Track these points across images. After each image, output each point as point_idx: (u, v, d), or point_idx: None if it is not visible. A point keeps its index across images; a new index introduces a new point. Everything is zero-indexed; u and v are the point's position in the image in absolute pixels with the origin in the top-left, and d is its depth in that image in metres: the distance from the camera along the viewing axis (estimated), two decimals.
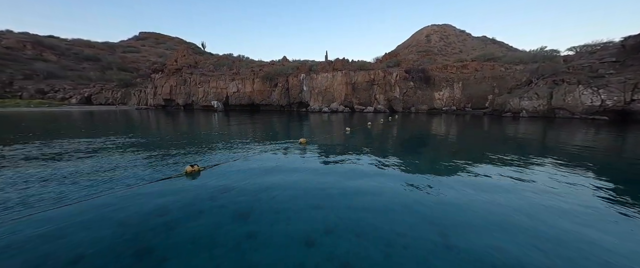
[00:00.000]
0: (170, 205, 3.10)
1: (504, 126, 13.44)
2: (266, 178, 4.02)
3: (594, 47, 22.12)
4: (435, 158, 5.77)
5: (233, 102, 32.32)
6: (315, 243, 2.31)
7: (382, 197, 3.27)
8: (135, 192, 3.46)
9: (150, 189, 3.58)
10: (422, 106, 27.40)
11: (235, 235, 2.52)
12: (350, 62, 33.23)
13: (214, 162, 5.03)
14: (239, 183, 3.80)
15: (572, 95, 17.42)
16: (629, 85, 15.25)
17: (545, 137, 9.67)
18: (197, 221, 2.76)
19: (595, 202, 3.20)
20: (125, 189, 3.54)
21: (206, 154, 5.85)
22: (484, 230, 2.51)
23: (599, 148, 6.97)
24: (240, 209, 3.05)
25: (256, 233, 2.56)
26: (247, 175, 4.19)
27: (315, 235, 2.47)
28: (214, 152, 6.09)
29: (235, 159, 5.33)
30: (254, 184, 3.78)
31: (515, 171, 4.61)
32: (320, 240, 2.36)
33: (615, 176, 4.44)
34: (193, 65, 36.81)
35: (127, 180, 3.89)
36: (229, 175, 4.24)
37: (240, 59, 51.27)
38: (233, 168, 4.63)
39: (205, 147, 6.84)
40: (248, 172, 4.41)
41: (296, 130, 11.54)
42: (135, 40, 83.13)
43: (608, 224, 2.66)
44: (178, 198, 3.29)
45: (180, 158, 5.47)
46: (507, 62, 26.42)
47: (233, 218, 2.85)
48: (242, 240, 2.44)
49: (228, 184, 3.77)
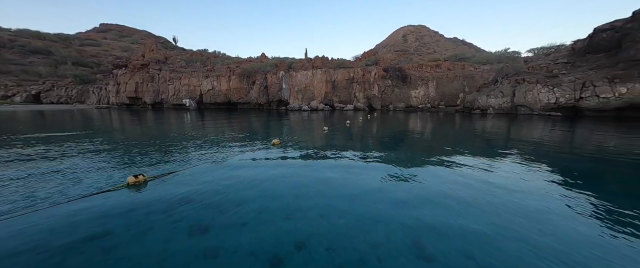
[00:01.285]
0: (109, 223, 2.58)
1: (474, 123, 14.16)
2: (232, 186, 3.60)
3: (549, 50, 24.33)
4: (411, 158, 5.71)
5: (208, 101, 30.62)
6: (283, 262, 2.00)
7: (357, 203, 3.04)
8: (62, 210, 2.86)
9: (83, 205, 3.00)
10: (400, 104, 28.20)
11: (189, 255, 2.12)
12: (330, 60, 33.14)
13: (172, 169, 4.45)
14: (200, 193, 3.34)
15: (532, 94, 18.95)
16: (578, 84, 16.92)
17: (510, 132, 10.29)
18: (142, 240, 2.30)
19: (555, 193, 3.29)
20: (49, 208, 2.91)
21: (165, 160, 5.21)
22: (459, 236, 2.39)
23: (553, 142, 7.57)
24: (199, 223, 2.63)
25: (216, 250, 2.18)
26: (210, 183, 3.73)
27: (285, 251, 2.16)
28: (174, 157, 5.46)
29: (198, 165, 4.79)
30: (217, 193, 3.35)
31: (483, 168, 4.71)
32: (289, 257, 2.06)
33: (566, 167, 4.73)
34: (162, 60, 34.19)
35: (54, 196, 3.23)
36: (189, 183, 3.74)
37: (216, 55, 48.85)
38: (195, 176, 4.11)
39: (166, 151, 6.14)
40: (212, 179, 3.94)
41: (272, 130, 11.02)
42: (96, 33, 75.39)
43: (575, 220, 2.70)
44: (120, 214, 2.77)
45: (132, 166, 4.80)
46: (476, 62, 28.13)
47: (189, 234, 2.44)
48: (197, 259, 2.06)
49: (187, 194, 3.30)
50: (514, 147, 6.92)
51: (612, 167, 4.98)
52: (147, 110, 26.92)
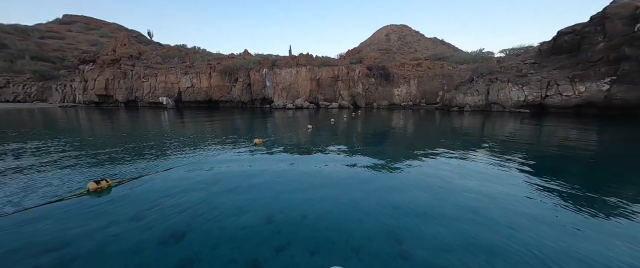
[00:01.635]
0: (66, 234, 2.34)
1: (452, 120, 14.81)
2: (209, 189, 3.43)
3: (519, 50, 26.01)
4: (395, 156, 5.81)
5: (187, 98, 29.26)
6: (264, 267, 1.92)
7: (340, 203, 3.02)
8: (11, 222, 2.55)
9: (36, 215, 2.70)
10: (383, 102, 28.79)
11: (161, 265, 1.97)
12: (314, 58, 32.98)
13: (142, 172, 4.16)
14: (174, 198, 3.14)
15: (504, 92, 20.18)
16: (543, 83, 18.27)
17: (484, 128, 10.88)
18: (106, 252, 2.10)
19: (523, 185, 3.50)
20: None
21: (135, 163, 4.86)
22: (439, 237, 2.44)
23: (522, 137, 8.14)
24: (174, 229, 2.46)
25: (191, 259, 2.05)
26: (185, 187, 3.52)
27: (265, 255, 2.07)
28: (146, 160, 5.12)
29: (173, 167, 4.52)
30: (193, 197, 3.17)
31: (460, 163, 4.91)
32: (270, 262, 1.98)
33: (532, 160, 5.07)
34: (136, 56, 32.06)
35: (3, 206, 2.88)
36: (161, 187, 3.50)
37: (195, 51, 46.77)
38: (168, 179, 3.87)
39: (138, 153, 5.75)
40: (187, 182, 3.73)
41: (254, 129, 10.73)
42: (59, 24, 68.83)
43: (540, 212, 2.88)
44: (80, 224, 2.52)
45: (98, 170, 4.43)
46: (454, 62, 29.38)
47: (162, 241, 2.27)
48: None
49: (159, 199, 3.08)
50: (488, 143, 7.33)
51: (571, 159, 5.51)
52: (120, 109, 25.16)
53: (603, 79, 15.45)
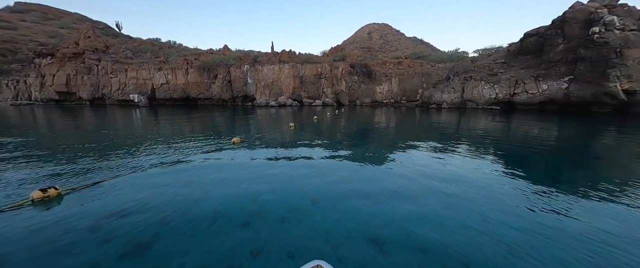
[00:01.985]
0: (6, 248, 2.04)
1: (431, 116, 15.39)
2: (180, 193, 3.20)
3: (490, 51, 27.62)
4: (376, 154, 5.86)
5: (162, 96, 27.56)
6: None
7: (320, 203, 2.95)
8: None
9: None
10: (366, 99, 29.24)
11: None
12: (297, 55, 32.57)
13: (103, 177, 3.80)
14: (139, 204, 2.88)
15: (477, 90, 21.35)
16: (512, 82, 19.59)
17: (460, 124, 11.43)
18: (56, 267, 1.86)
19: (494, 173, 3.69)
20: None
21: (95, 167, 4.43)
22: (417, 234, 2.47)
23: (493, 132, 8.66)
24: (139, 239, 2.25)
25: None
26: (152, 192, 3.25)
27: (241, 261, 1.95)
28: (109, 163, 4.69)
29: (138, 171, 4.19)
30: (162, 202, 2.94)
31: (439, 157, 5.08)
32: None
33: (501, 152, 5.39)
34: (102, 49, 29.51)
35: None
36: (124, 194, 3.20)
37: (170, 46, 44.16)
38: (133, 184, 3.55)
39: (101, 156, 5.26)
40: (155, 186, 3.45)
41: (234, 127, 10.36)
42: (9, 13, 61.29)
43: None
44: (23, 237, 2.22)
45: (50, 177, 3.99)
46: (432, 61, 30.53)
47: (123, 254, 2.06)
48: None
49: (121, 207, 2.81)
50: (464, 139, 7.70)
51: (535, 151, 5.99)
52: (84, 107, 23.07)
53: (562, 78, 16.89)
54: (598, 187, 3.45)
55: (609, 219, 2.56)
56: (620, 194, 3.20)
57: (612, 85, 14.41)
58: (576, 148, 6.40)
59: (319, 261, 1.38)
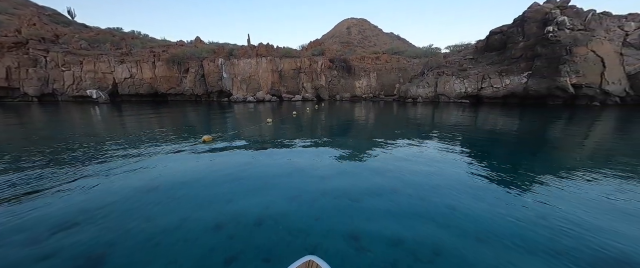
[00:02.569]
0: None
1: (407, 110, 15.94)
2: (143, 198, 2.88)
3: (460, 47, 29.22)
4: (355, 149, 5.85)
5: (126, 91, 25.22)
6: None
7: (295, 203, 2.83)
8: None
9: None
10: (346, 94, 29.48)
11: None
12: (275, 48, 31.64)
13: (45, 184, 3.32)
14: (92, 212, 2.53)
15: (449, 84, 22.54)
16: (479, 77, 20.95)
17: (433, 117, 11.97)
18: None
19: (463, 161, 3.87)
20: None
21: (39, 172, 3.88)
22: (393, 230, 2.46)
23: (463, 124, 9.18)
24: (90, 252, 1.95)
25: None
26: (110, 198, 2.89)
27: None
28: (55, 167, 4.14)
29: (93, 175, 3.73)
30: (121, 209, 2.62)
31: (414, 149, 5.22)
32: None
33: (469, 142, 5.73)
34: (51, 39, 26.01)
35: None
36: (73, 202, 2.80)
37: (134, 36, 40.41)
38: (85, 191, 3.13)
39: (46, 159, 4.63)
40: (114, 191, 3.08)
41: (205, 125, 9.70)
42: None
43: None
44: None
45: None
46: (408, 56, 31.56)
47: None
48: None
49: (70, 217, 2.44)
50: (437, 129, 8.07)
51: (499, 140, 6.48)
52: (31, 105, 20.29)
53: (522, 74, 18.43)
54: (553, 171, 3.78)
55: (564, 200, 2.78)
56: (572, 176, 3.52)
57: (563, 80, 16.04)
58: (534, 137, 6.99)
59: (310, 256, 1.33)
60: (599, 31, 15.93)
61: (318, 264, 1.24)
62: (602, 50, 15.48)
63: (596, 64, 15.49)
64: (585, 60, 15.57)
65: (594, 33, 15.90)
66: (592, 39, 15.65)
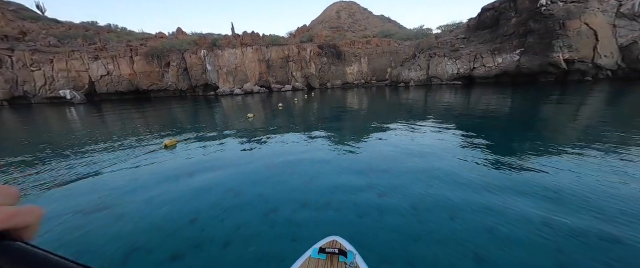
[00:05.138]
0: None
1: (400, 94, 15.49)
2: (80, 225, 2.36)
3: (452, 26, 28.48)
4: (340, 149, 5.40)
5: (104, 90, 23.79)
6: None
7: (269, 222, 2.36)
8: None
9: None
10: (337, 81, 28.72)
11: None
12: (261, 37, 30.19)
13: None
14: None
15: (441, 66, 22.07)
16: (471, 56, 20.52)
17: (427, 101, 11.58)
18: None
19: (455, 143, 3.50)
20: None
21: None
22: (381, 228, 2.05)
23: (455, 106, 8.84)
24: None
25: None
26: (43, 225, 2.35)
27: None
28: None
29: (26, 193, 3.17)
30: (52, 239, 2.11)
31: (408, 135, 4.81)
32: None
33: (463, 124, 5.38)
34: (15, 36, 23.94)
35: None
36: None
37: (110, 30, 37.89)
38: None
39: None
40: (46, 218, 2.55)
41: (178, 123, 8.75)
42: None
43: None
44: None
45: None
46: (400, 39, 30.71)
47: None
48: None
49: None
50: (431, 113, 7.69)
51: (491, 120, 6.20)
52: (1, 109, 18.86)
53: (515, 51, 18.06)
54: (547, 147, 3.52)
55: (562, 177, 2.43)
56: (566, 153, 3.21)
57: (555, 56, 15.76)
58: (527, 116, 6.68)
59: (334, 236, 1.37)
60: (593, 2, 15.51)
61: (341, 243, 1.30)
62: (595, 22, 15.15)
63: (589, 37, 15.20)
64: (578, 34, 15.26)
65: (588, 4, 15.47)
66: (585, 11, 15.25)
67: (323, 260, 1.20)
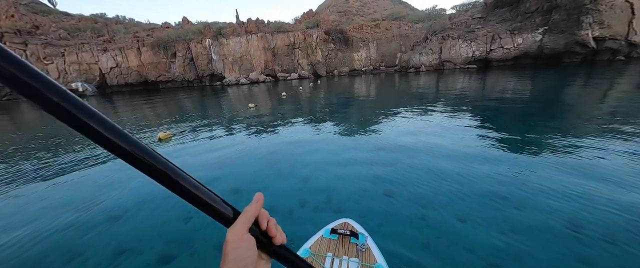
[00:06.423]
0: None
1: (410, 81, 14.76)
2: (72, 218, 2.26)
3: (467, 5, 26.57)
4: (342, 142, 5.10)
5: (114, 82, 24.26)
6: None
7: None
8: None
9: None
10: (344, 68, 27.89)
11: None
12: (266, 24, 29.47)
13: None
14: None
15: (455, 49, 20.79)
16: (488, 37, 19.13)
17: (438, 87, 10.91)
18: None
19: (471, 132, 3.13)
20: None
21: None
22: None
23: (470, 92, 8.22)
24: None
25: None
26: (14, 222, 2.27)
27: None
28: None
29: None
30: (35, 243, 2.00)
31: (416, 123, 4.45)
32: None
33: (477, 111, 4.91)
34: (28, 31, 24.54)
35: None
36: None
37: (118, 22, 38.18)
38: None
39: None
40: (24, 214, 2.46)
41: (177, 116, 8.47)
42: None
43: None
44: None
45: None
46: (411, 21, 29.12)
47: None
48: None
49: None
50: (441, 100, 7.18)
51: (507, 106, 5.71)
52: (20, 103, 19.70)
53: (537, 30, 16.61)
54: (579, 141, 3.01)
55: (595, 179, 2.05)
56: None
57: (584, 33, 14.35)
58: (553, 102, 6.06)
59: (346, 219, 1.44)
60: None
61: (352, 225, 1.37)
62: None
63: (624, 10, 13.65)
64: (611, 8, 13.73)
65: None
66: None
67: (335, 240, 1.25)
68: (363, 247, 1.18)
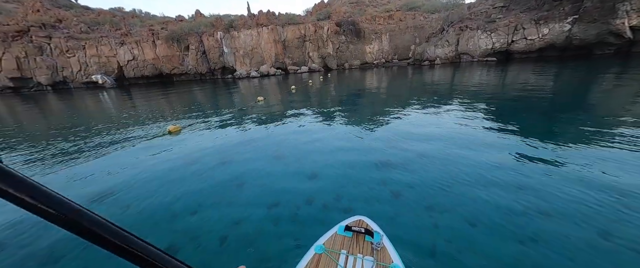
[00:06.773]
0: None
1: (424, 74, 14.25)
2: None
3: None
4: (352, 137, 4.99)
5: (131, 74, 25.09)
6: None
7: (271, 220, 2.15)
8: None
9: None
10: (355, 61, 27.33)
11: None
12: (277, 16, 29.20)
13: None
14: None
15: (473, 40, 19.77)
16: (510, 28, 18.01)
17: (454, 81, 10.45)
18: None
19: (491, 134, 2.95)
20: None
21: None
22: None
23: (488, 87, 7.83)
24: None
25: None
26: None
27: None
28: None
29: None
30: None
31: (432, 118, 4.27)
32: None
33: (496, 107, 4.65)
34: (52, 24, 25.66)
35: None
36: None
37: (135, 15, 39.08)
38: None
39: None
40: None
41: (187, 109, 8.44)
42: None
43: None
44: None
45: None
46: (426, 11, 27.86)
47: None
48: None
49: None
50: (458, 96, 6.85)
51: (531, 102, 5.36)
52: (47, 94, 20.84)
53: (565, 19, 15.42)
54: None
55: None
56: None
57: (619, 23, 13.18)
58: (572, 99, 5.64)
59: (360, 216, 1.42)
60: None
61: (367, 223, 1.35)
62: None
63: None
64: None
65: None
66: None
67: (349, 237, 1.22)
68: (378, 246, 1.14)
